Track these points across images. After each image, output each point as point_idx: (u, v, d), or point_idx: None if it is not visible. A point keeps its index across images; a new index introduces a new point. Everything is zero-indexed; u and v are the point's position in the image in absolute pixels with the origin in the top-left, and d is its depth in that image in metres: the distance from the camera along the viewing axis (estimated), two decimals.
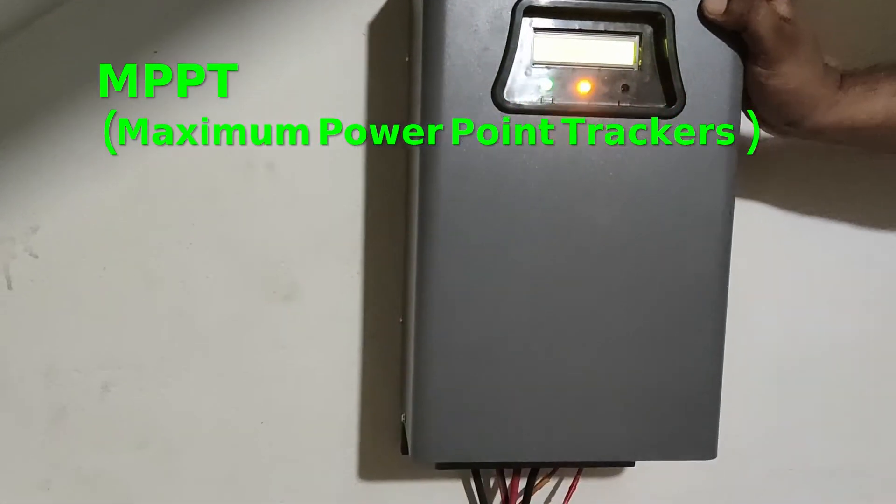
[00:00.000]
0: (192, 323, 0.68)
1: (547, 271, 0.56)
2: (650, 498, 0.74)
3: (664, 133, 0.56)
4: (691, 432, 0.58)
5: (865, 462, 0.75)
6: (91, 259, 0.66)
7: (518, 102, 0.54)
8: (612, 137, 0.55)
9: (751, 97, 0.57)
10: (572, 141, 0.55)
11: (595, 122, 0.55)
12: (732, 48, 0.55)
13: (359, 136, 0.67)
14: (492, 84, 0.54)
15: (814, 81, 0.56)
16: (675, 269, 0.57)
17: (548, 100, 0.55)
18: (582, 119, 0.55)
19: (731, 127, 0.56)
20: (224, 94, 0.66)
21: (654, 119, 0.55)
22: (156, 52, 0.65)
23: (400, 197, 0.68)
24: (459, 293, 0.55)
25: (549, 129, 0.55)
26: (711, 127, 0.56)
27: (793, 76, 0.55)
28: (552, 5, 0.54)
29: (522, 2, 0.53)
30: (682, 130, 0.55)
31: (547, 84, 0.55)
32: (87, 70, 0.65)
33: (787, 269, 0.72)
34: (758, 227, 0.70)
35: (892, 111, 0.57)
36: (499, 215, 0.55)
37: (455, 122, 0.54)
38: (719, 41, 0.55)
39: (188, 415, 0.68)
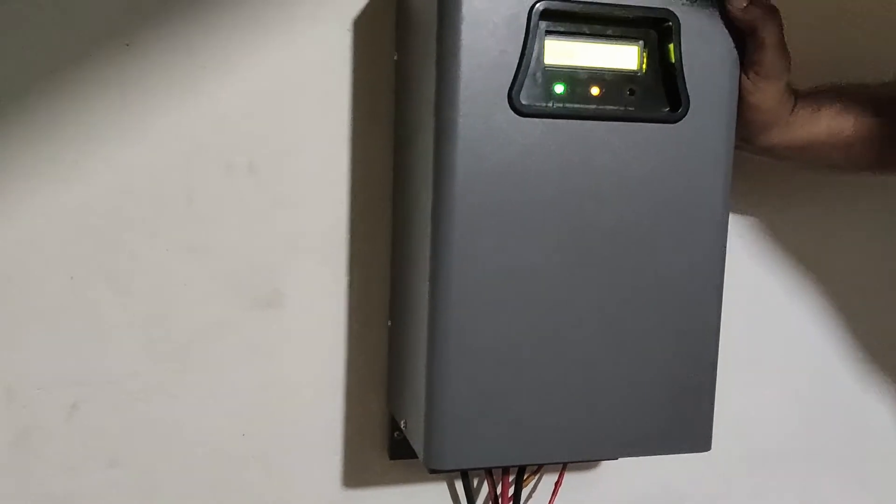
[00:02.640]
0: (168, 333, 0.64)
1: (557, 270, 0.56)
2: (629, 487, 0.76)
3: (668, 137, 0.57)
4: (688, 426, 0.60)
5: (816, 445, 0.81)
6: (56, 267, 0.61)
7: (533, 106, 0.54)
8: (619, 140, 0.56)
9: None
10: (582, 143, 0.55)
11: (603, 126, 0.56)
12: (733, 56, 0.57)
13: (344, 135, 0.65)
14: (508, 87, 0.54)
15: (781, 103, 0.59)
16: (675, 268, 0.58)
17: (560, 103, 0.55)
18: (591, 122, 0.56)
19: (731, 132, 0.58)
20: (202, 91, 0.62)
21: (659, 124, 0.56)
22: (128, 44, 0.61)
23: (386, 198, 0.66)
24: (474, 296, 0.55)
25: (560, 132, 0.55)
26: (712, 132, 0.57)
27: (770, 96, 0.58)
28: (566, 10, 0.54)
29: (538, 6, 0.53)
30: (686, 134, 0.57)
31: (559, 88, 0.55)
32: (54, 62, 0.59)
33: (774, 268, 0.76)
34: (752, 227, 0.73)
35: (833, 131, 0.62)
36: (512, 217, 0.55)
37: (469, 124, 0.53)
38: (722, 48, 0.57)
39: (164, 430, 0.65)
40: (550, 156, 0.55)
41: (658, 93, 0.57)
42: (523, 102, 0.54)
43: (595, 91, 0.56)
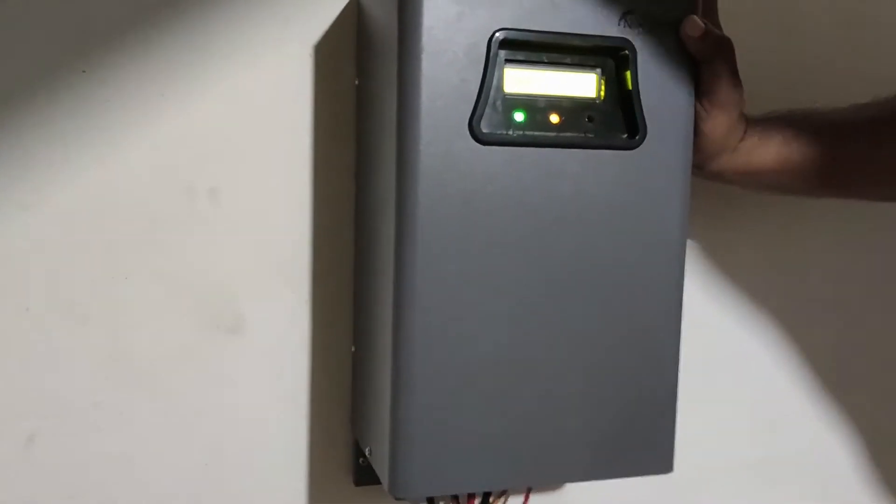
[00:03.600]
0: (129, 362, 0.63)
1: (519, 296, 0.57)
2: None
3: (626, 163, 0.58)
4: (650, 448, 0.61)
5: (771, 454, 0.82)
6: (10, 297, 0.60)
7: (494, 134, 0.55)
8: (579, 167, 0.57)
9: None
10: (542, 170, 0.56)
11: (563, 153, 0.56)
12: (689, 83, 0.58)
13: (305, 160, 0.65)
14: (468, 115, 0.54)
15: (732, 130, 0.60)
16: (635, 291, 0.59)
17: (520, 131, 0.56)
18: (551, 149, 0.56)
19: (688, 157, 0.59)
20: (161, 117, 0.62)
21: (618, 150, 0.57)
22: (84, 71, 0.60)
23: (348, 222, 0.66)
24: (437, 322, 0.55)
25: (521, 160, 0.56)
26: (669, 158, 0.58)
27: (721, 123, 0.59)
28: (524, 39, 0.55)
29: (497, 35, 0.54)
30: (643, 161, 0.58)
31: (519, 116, 0.56)
32: (6, 89, 0.58)
33: (729, 289, 0.78)
34: (710, 251, 0.75)
35: (782, 157, 0.62)
36: (474, 243, 0.55)
37: (431, 152, 0.54)
38: (678, 76, 0.58)
39: (124, 462, 0.64)
40: (511, 183, 0.56)
41: (616, 120, 0.58)
42: (484, 130, 0.54)
43: (554, 118, 0.57)
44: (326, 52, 0.65)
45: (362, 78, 0.64)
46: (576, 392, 0.58)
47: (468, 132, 0.54)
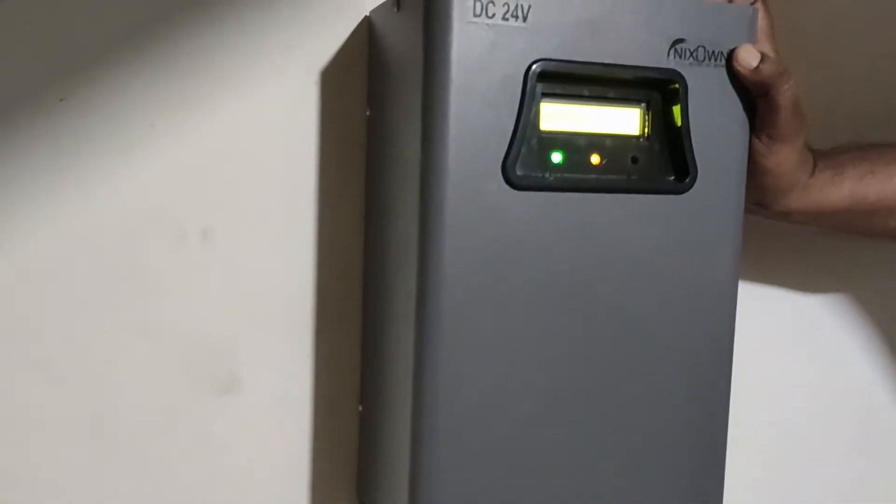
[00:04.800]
0: (112, 427, 0.56)
1: (557, 354, 0.51)
2: None
3: (673, 208, 0.52)
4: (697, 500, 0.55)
5: None
6: None
7: (530, 178, 0.48)
8: (621, 213, 0.51)
9: None
10: (581, 217, 0.50)
11: (604, 198, 0.50)
12: (742, 119, 0.52)
13: (310, 198, 0.59)
14: (501, 157, 0.48)
15: (798, 166, 0.55)
16: (682, 341, 0.53)
17: (557, 174, 0.50)
18: (591, 194, 0.50)
19: (741, 200, 0.53)
20: (150, 151, 0.55)
21: (664, 195, 0.51)
22: (62, 99, 0.53)
23: (357, 269, 0.60)
24: (466, 384, 0.49)
25: (558, 205, 0.49)
26: (721, 201, 0.53)
27: (787, 159, 0.54)
28: (565, 71, 0.49)
29: (535, 67, 0.47)
30: (692, 205, 0.52)
31: (557, 157, 0.50)
32: None
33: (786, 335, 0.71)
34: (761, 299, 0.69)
35: (857, 196, 0.57)
36: (507, 298, 0.49)
37: (459, 198, 0.47)
38: (730, 111, 0.52)
39: None
40: (547, 231, 0.49)
41: (663, 160, 0.52)
42: (518, 174, 0.48)
43: (595, 159, 0.51)
44: (334, 79, 0.58)
45: (374, 108, 0.57)
46: (618, 453, 0.53)
47: (501, 176, 0.48)
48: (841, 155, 0.58)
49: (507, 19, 0.46)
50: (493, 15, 0.46)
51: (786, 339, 0.73)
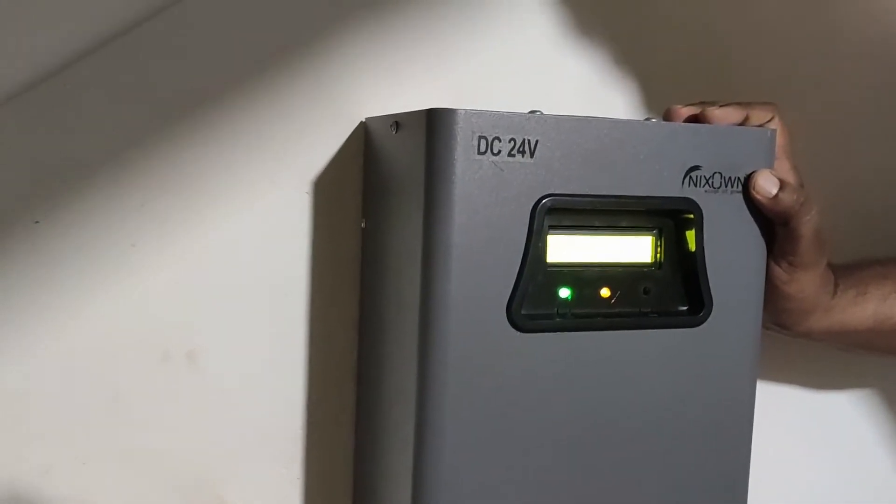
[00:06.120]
0: None
1: (569, 496, 0.47)
2: None
3: (688, 341, 0.49)
4: None
5: None
6: None
7: (535, 318, 0.45)
8: (634, 350, 0.48)
9: None
10: (591, 357, 0.47)
11: (615, 335, 0.47)
12: (760, 247, 0.50)
13: (301, 317, 0.55)
14: (507, 297, 0.45)
15: (820, 289, 0.53)
16: (699, 476, 0.51)
17: (565, 310, 0.47)
18: (602, 332, 0.47)
19: (757, 329, 0.50)
20: (132, 271, 0.52)
21: (679, 329, 0.48)
22: (37, 221, 0.50)
23: (349, 392, 0.56)
24: None
25: (567, 346, 0.46)
26: (737, 332, 0.50)
27: (808, 284, 0.51)
28: (575, 207, 0.46)
29: (545, 203, 0.44)
30: (707, 337, 0.49)
31: (565, 292, 0.47)
32: None
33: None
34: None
35: (880, 317, 0.56)
36: (513, 443, 0.46)
37: (461, 342, 0.44)
38: (747, 237, 0.49)
39: None
40: (556, 373, 0.46)
41: (676, 290, 0.49)
42: (524, 314, 0.45)
43: (605, 292, 0.48)
44: (327, 190, 0.55)
45: (371, 221, 0.54)
46: None
47: (506, 318, 0.45)
48: (862, 273, 0.56)
49: (513, 155, 0.44)
50: (499, 152, 0.43)
51: (803, 440, 0.70)
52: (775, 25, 0.64)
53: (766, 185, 0.48)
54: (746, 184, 0.48)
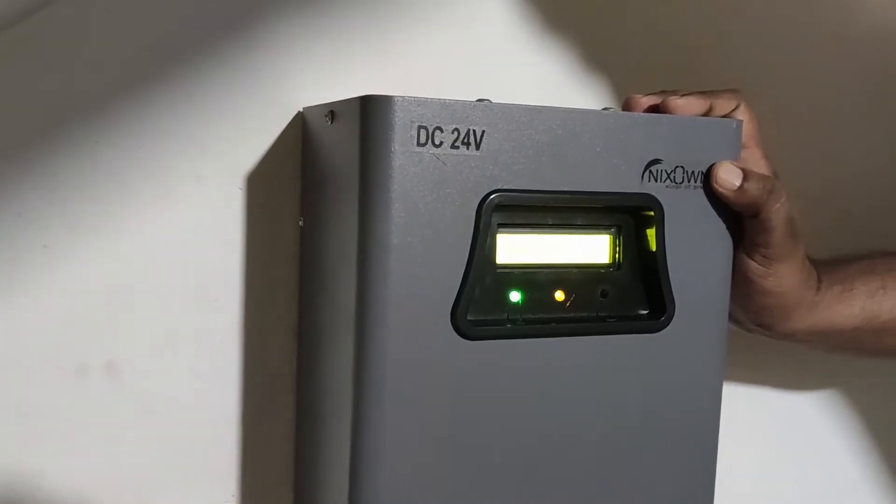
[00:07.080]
0: None
1: None
2: None
3: (649, 347, 0.45)
4: None
5: None
6: None
7: (483, 324, 0.42)
8: (590, 358, 0.44)
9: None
10: (543, 365, 0.43)
11: (570, 342, 0.44)
12: (725, 241, 0.46)
13: (234, 321, 0.51)
14: (451, 303, 0.41)
15: (802, 283, 0.49)
16: (660, 495, 0.47)
17: (516, 315, 0.43)
18: (555, 339, 0.43)
19: (722, 332, 0.47)
20: (42, 275, 0.47)
21: (639, 334, 0.45)
22: None
23: (287, 404, 0.52)
24: None
25: (518, 354, 0.43)
26: (701, 336, 0.46)
27: (787, 278, 0.48)
28: (525, 203, 0.42)
29: (492, 199, 0.41)
30: (669, 343, 0.46)
31: (515, 296, 0.43)
32: None
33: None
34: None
35: (868, 314, 0.52)
36: (460, 456, 0.43)
37: (402, 351, 0.40)
38: (712, 234, 0.46)
39: None
40: (506, 383, 0.43)
41: (636, 293, 0.46)
42: (470, 320, 0.41)
43: (559, 296, 0.44)
44: (262, 185, 0.51)
45: (309, 218, 0.50)
46: None
47: (450, 325, 0.41)
48: (847, 268, 0.53)
49: (457, 147, 0.40)
50: (441, 143, 0.39)
51: (771, 438, 0.67)
52: (744, 10, 0.61)
53: (729, 176, 0.44)
54: (708, 177, 0.45)
